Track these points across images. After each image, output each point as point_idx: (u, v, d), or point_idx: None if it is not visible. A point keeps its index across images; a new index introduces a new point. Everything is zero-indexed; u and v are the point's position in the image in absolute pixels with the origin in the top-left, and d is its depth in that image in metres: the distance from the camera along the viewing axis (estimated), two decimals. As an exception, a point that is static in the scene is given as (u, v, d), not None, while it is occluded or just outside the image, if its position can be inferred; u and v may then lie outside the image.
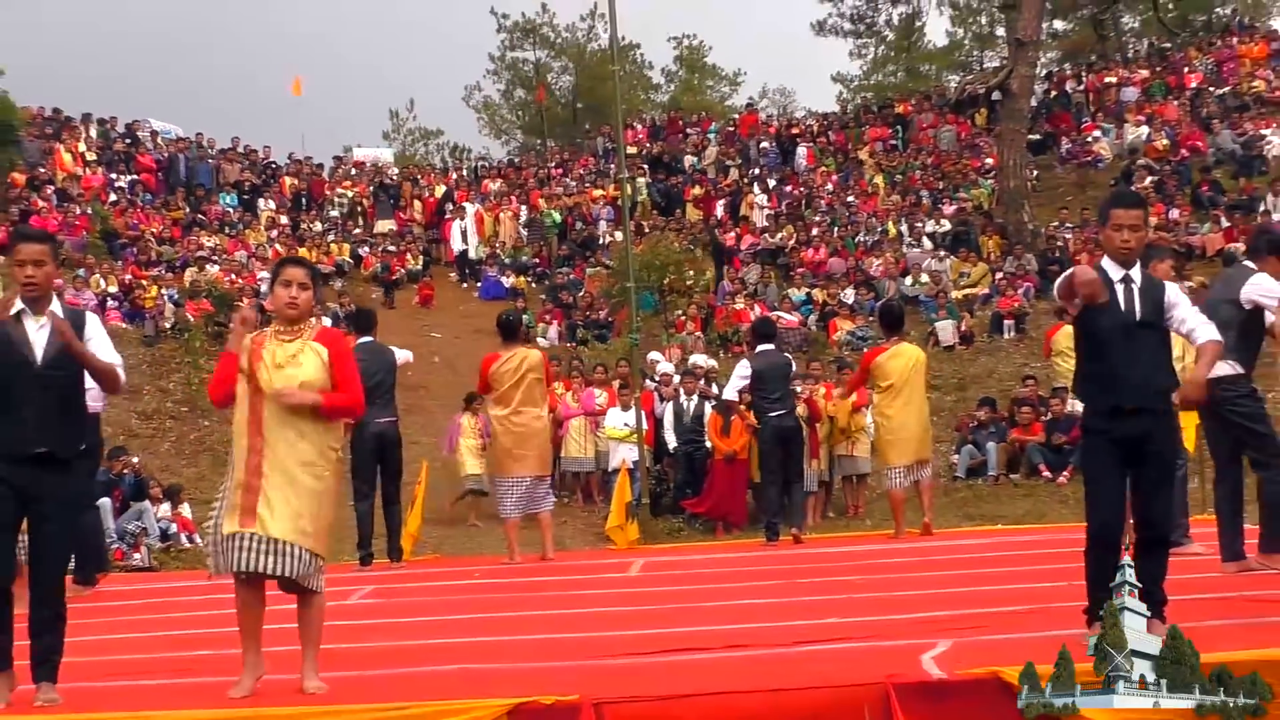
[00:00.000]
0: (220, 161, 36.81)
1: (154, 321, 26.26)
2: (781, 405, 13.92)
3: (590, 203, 35.98)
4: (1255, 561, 9.29)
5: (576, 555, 14.75)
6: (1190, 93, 36.38)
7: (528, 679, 6.68)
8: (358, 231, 35.39)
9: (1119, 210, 7.08)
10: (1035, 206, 30.23)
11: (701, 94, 60.48)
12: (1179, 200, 28.94)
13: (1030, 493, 18.28)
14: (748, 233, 33.17)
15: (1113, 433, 6.93)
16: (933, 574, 10.64)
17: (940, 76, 56.03)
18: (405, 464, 13.68)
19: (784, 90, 64.42)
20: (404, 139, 63.11)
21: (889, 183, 35.30)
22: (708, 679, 6.45)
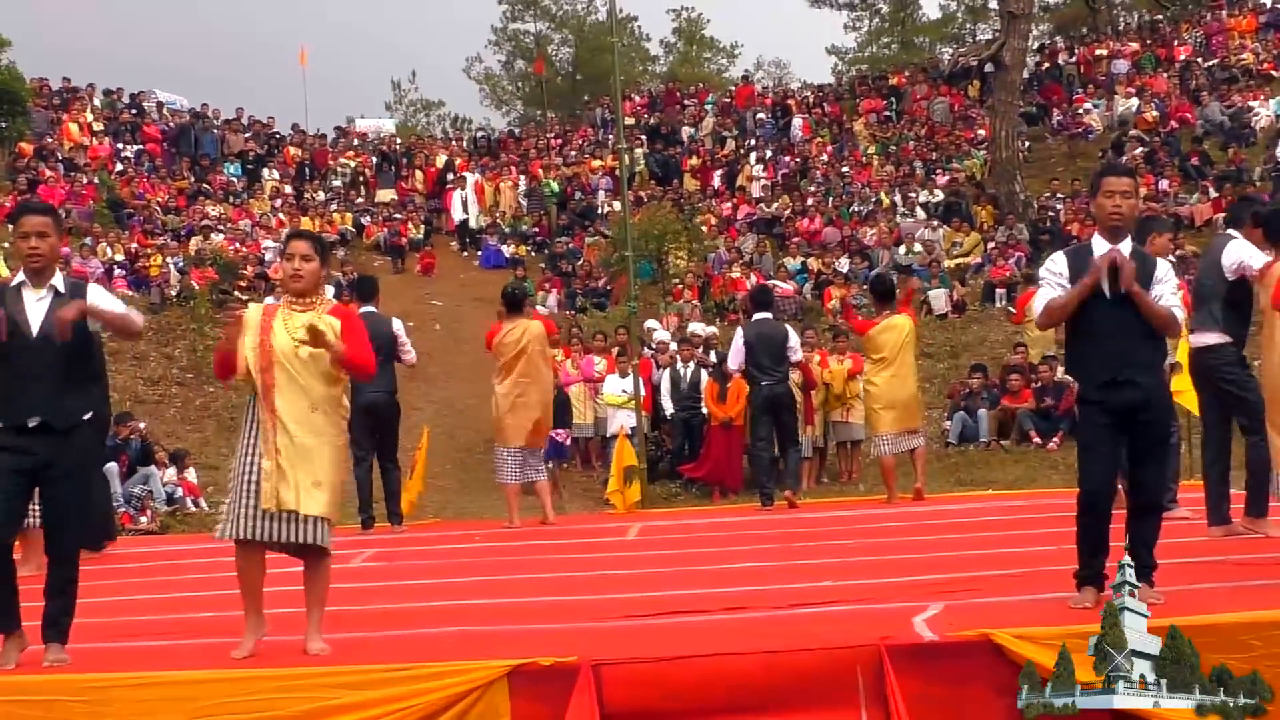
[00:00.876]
0: (225, 132, 36.70)
1: (159, 289, 26.24)
2: (774, 373, 13.90)
3: (589, 173, 35.90)
4: (1241, 526, 9.31)
5: (575, 520, 14.77)
6: (1180, 65, 36.28)
7: (527, 641, 6.69)
8: (360, 201, 35.31)
9: (1110, 178, 7.05)
10: (1027, 177, 30.15)
11: (699, 66, 60.39)
12: (1168, 171, 28.89)
13: (1021, 459, 18.29)
14: (744, 203, 33.12)
15: (1107, 403, 6.90)
16: (925, 538, 10.64)
17: (934, 49, 55.90)
18: (406, 430, 13.67)
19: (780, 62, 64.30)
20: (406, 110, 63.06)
21: (883, 153, 35.19)
22: (704, 641, 6.45)
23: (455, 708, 5.93)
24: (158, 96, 38.04)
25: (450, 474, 19.07)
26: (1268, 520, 9.12)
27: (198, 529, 15.95)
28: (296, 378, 6.73)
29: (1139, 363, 6.89)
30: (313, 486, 6.69)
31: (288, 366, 6.72)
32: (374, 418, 12.83)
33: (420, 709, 5.92)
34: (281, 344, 6.72)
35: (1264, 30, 36.91)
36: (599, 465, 18.87)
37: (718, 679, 6.00)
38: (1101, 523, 6.97)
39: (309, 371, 6.75)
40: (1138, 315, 6.91)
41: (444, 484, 18.17)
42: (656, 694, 5.97)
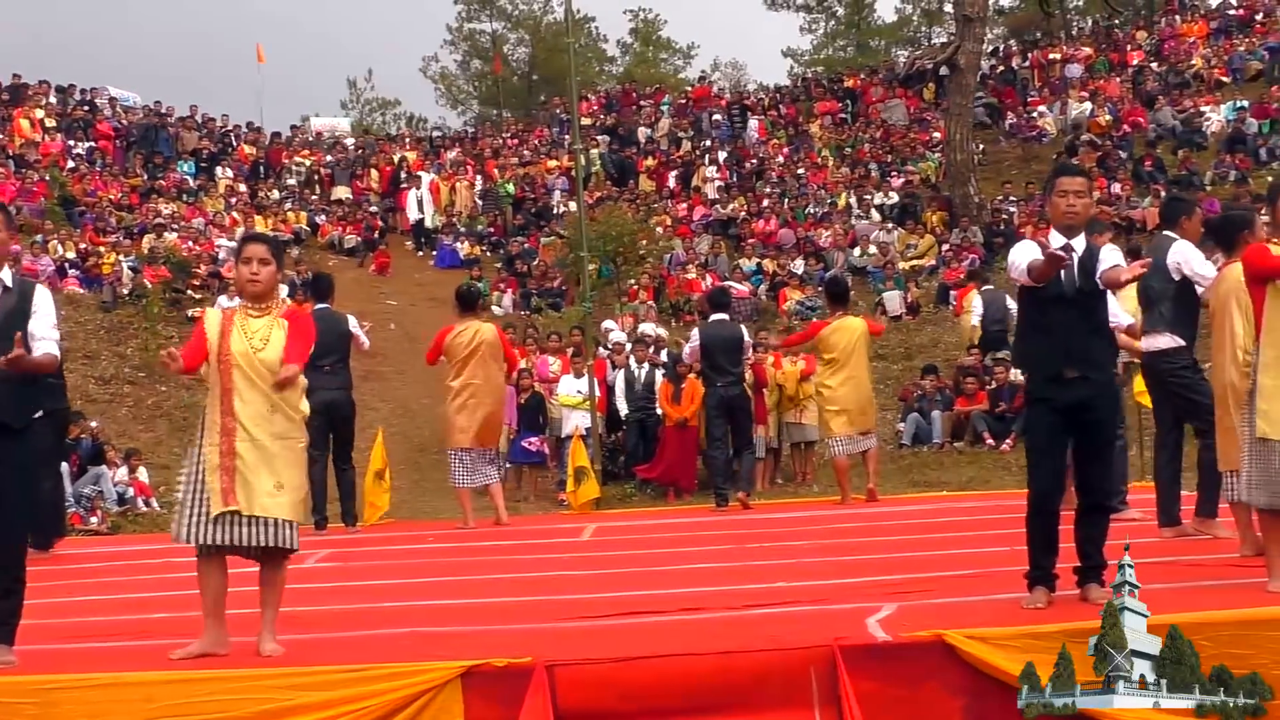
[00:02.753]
0: (179, 129, 36.45)
1: (112, 288, 26.00)
2: (728, 375, 13.91)
3: (545, 173, 35.84)
4: (1191, 527, 9.39)
5: (529, 520, 14.75)
6: (1132, 70, 36.56)
7: (481, 642, 6.68)
8: (315, 199, 35.15)
9: (1064, 178, 7.14)
10: (981, 180, 30.33)
11: (655, 67, 60.46)
12: (1121, 175, 29.10)
13: (974, 460, 18.38)
14: (699, 203, 33.17)
15: (1055, 400, 6.97)
16: (878, 539, 10.69)
17: (889, 51, 56.18)
18: (360, 431, 13.63)
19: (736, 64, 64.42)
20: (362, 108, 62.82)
21: (838, 155, 35.31)
22: (658, 642, 6.46)
23: (409, 709, 5.92)
24: (110, 93, 37.73)
25: (404, 474, 19.00)
26: (1217, 522, 9.19)
27: (149, 529, 15.84)
28: (256, 381, 6.70)
29: (1090, 359, 6.97)
30: (275, 489, 6.67)
31: (247, 370, 6.69)
32: (330, 417, 12.80)
33: (374, 710, 5.90)
34: (240, 349, 6.69)
35: (1214, 36, 37.26)
36: (554, 466, 18.84)
37: (672, 679, 6.01)
38: (1051, 523, 7.04)
39: (268, 375, 6.72)
40: (1090, 312, 7.01)
41: (399, 484, 18.06)
42: (611, 695, 5.97)
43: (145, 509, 17.48)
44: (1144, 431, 14.84)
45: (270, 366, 6.72)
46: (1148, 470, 12.94)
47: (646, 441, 18.51)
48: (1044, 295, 7.00)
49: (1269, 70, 33.77)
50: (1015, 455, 17.28)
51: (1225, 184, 27.22)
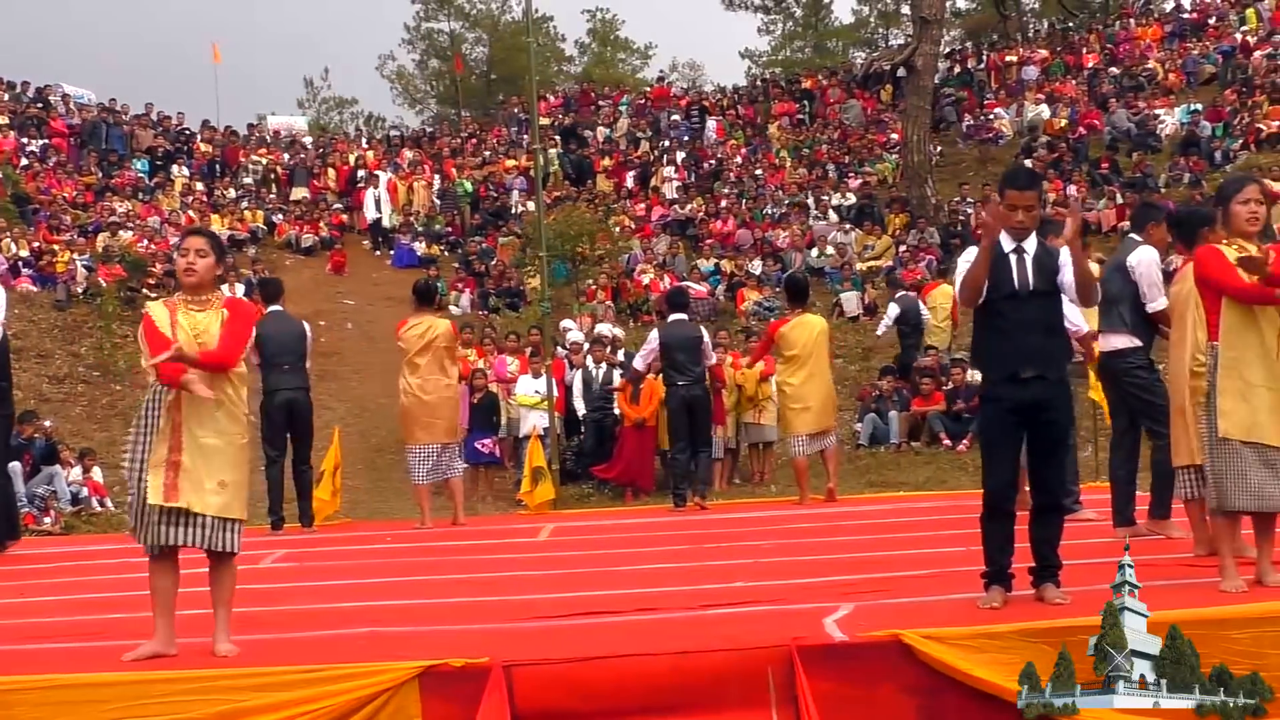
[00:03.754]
0: (134, 127, 36.21)
1: (66, 286, 25.81)
2: (688, 375, 13.92)
3: (503, 173, 35.81)
4: (1145, 527, 9.44)
5: (487, 520, 14.72)
6: (1088, 72, 36.79)
7: (438, 642, 6.66)
8: (272, 198, 34.98)
9: (1013, 192, 7.10)
10: (938, 181, 30.44)
11: (613, 67, 60.51)
12: (1076, 177, 29.26)
13: (931, 460, 18.45)
14: (658, 204, 33.21)
15: (1009, 400, 7.00)
16: (836, 539, 10.72)
17: (847, 53, 56.33)
18: (317, 430, 13.58)
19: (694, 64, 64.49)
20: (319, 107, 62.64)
21: (796, 156, 35.41)
22: (616, 642, 6.45)
23: (366, 709, 5.89)
24: (64, 90, 37.43)
25: (361, 474, 18.94)
26: (1170, 522, 9.26)
27: (104, 529, 15.74)
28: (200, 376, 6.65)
29: (1045, 359, 7.01)
30: (218, 487, 6.62)
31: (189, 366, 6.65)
32: (289, 416, 12.77)
33: (330, 711, 5.88)
34: (183, 341, 6.64)
35: (1169, 40, 37.52)
36: (512, 466, 18.81)
37: (629, 679, 6.01)
38: (1006, 522, 7.07)
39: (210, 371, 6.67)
40: (1045, 312, 7.05)
41: (355, 484, 18.04)
42: (568, 695, 5.97)
43: (99, 509, 17.36)
44: (1099, 432, 14.94)
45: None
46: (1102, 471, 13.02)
47: (604, 441, 18.51)
48: (999, 295, 7.03)
49: (1222, 74, 34.03)
50: (971, 456, 17.36)
51: (1180, 186, 27.40)
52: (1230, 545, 7.17)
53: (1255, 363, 7.02)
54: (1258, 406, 7.00)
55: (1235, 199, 7.26)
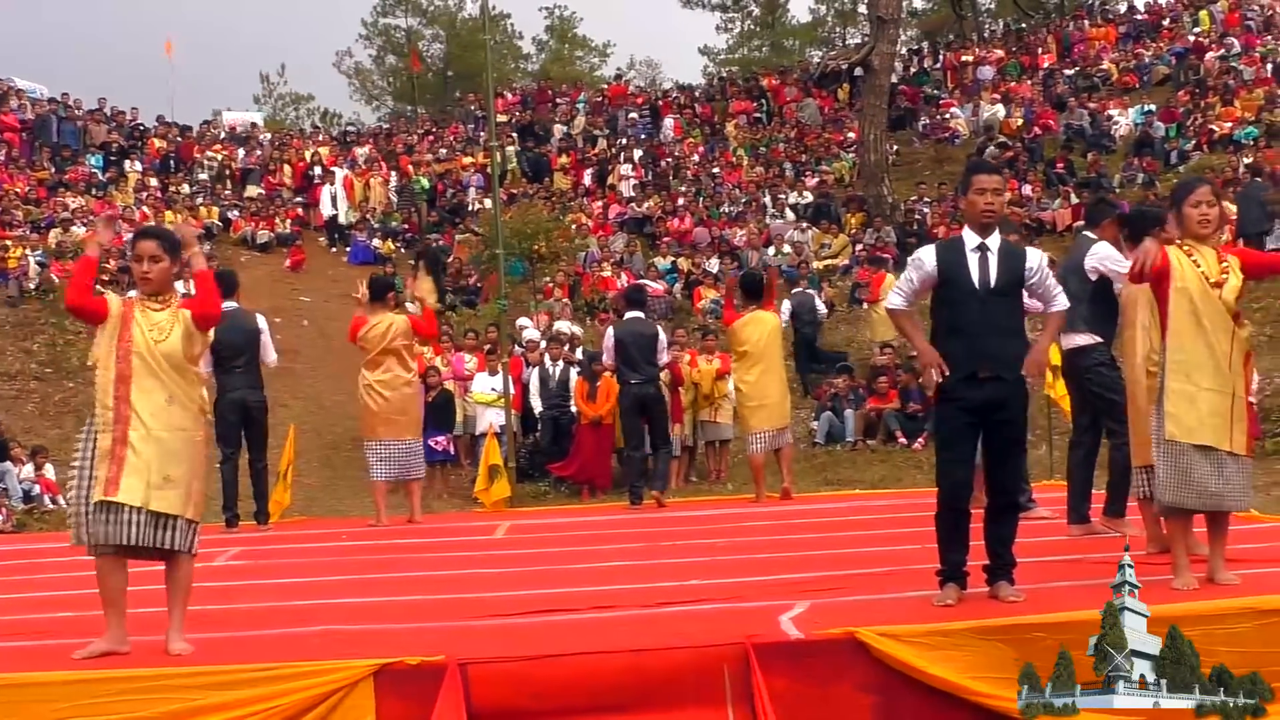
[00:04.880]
0: (87, 122, 35.93)
1: (18, 282, 25.59)
2: (642, 373, 13.90)
3: (460, 170, 35.73)
4: (1100, 525, 9.49)
5: (443, 518, 14.69)
6: (1043, 72, 36.98)
7: (393, 640, 6.64)
8: (227, 194, 34.78)
9: (980, 176, 7.17)
10: (894, 180, 30.56)
11: (571, 64, 60.50)
12: (1031, 177, 29.43)
13: (886, 459, 18.50)
14: (615, 201, 33.19)
15: (967, 399, 7.01)
16: (792, 537, 10.72)
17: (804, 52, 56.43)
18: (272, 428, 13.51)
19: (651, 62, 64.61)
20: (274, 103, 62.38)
21: (753, 155, 35.47)
22: (572, 640, 6.45)
23: (320, 707, 5.87)
24: (16, 84, 37.10)
25: (317, 472, 18.86)
26: (1126, 520, 9.29)
27: (56, 527, 15.60)
28: (154, 370, 6.63)
29: (1003, 359, 7.00)
30: (163, 482, 6.57)
31: (147, 359, 6.63)
32: (242, 415, 12.69)
33: (284, 709, 5.85)
34: (140, 340, 6.62)
35: (1123, 41, 37.74)
36: (468, 464, 18.77)
37: (585, 677, 6.00)
38: (961, 520, 7.10)
39: (167, 364, 6.66)
40: (1003, 311, 7.06)
41: (311, 482, 17.96)
42: (523, 693, 5.96)
43: (52, 506, 17.22)
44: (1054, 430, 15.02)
45: (171, 359, 6.65)
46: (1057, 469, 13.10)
47: (561, 439, 18.49)
48: (958, 294, 7.05)
49: (1175, 75, 34.26)
50: (927, 454, 17.40)
51: (1134, 187, 27.57)
52: (1183, 543, 7.21)
53: (1203, 366, 7.06)
54: (1204, 410, 7.03)
55: (1187, 201, 7.29)
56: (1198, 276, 7.10)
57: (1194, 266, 7.13)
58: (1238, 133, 29.07)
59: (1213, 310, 7.09)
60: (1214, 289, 7.10)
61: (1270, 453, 15.80)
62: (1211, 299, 7.09)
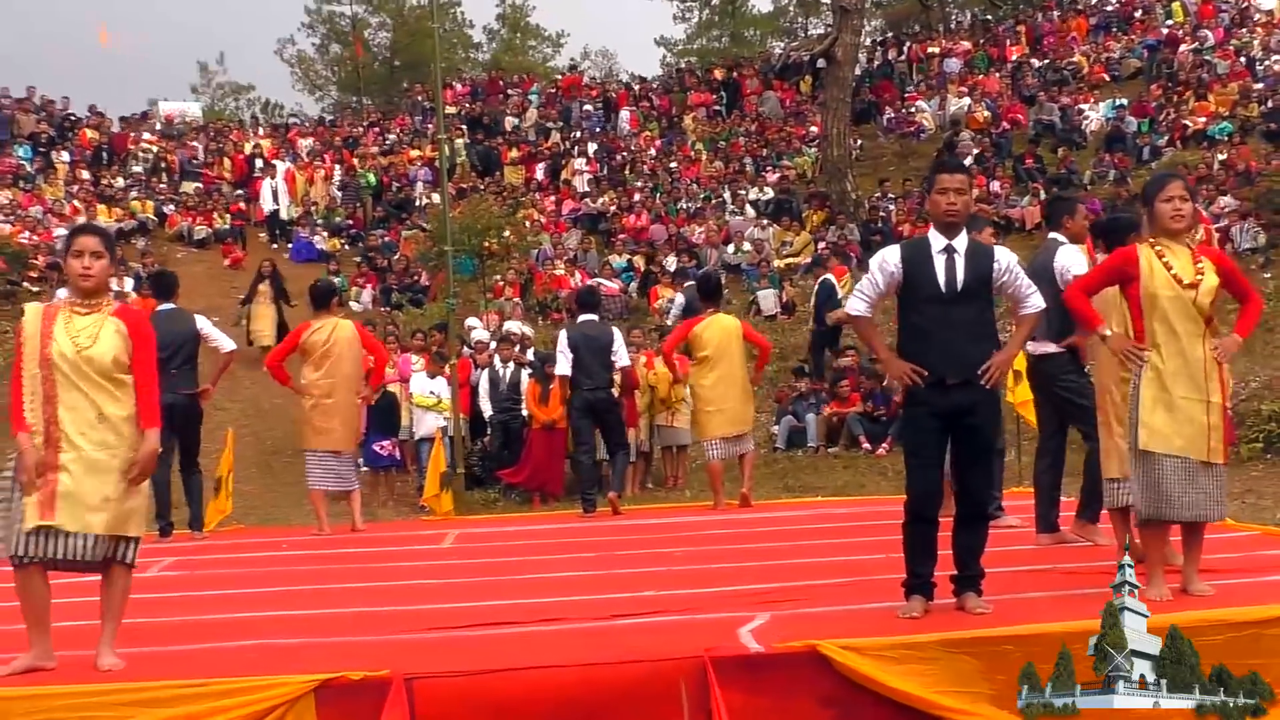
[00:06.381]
0: (15, 111, 35.64)
1: (-57, 279, 25.42)
2: (594, 378, 13.87)
3: (407, 163, 35.63)
4: (1070, 533, 9.53)
5: (388, 526, 14.64)
6: (1012, 65, 37.19)
7: (335, 654, 6.60)
8: (163, 188, 34.57)
9: (944, 175, 7.17)
10: (858, 176, 30.67)
11: (523, 54, 60.40)
12: (1000, 173, 29.58)
13: (850, 464, 18.54)
14: (568, 197, 33.18)
15: (935, 405, 7.01)
16: (751, 546, 10.73)
17: (765, 42, 56.61)
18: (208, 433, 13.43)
19: (607, 52, 64.68)
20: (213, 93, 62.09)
21: (712, 149, 35.53)
22: (521, 653, 6.43)
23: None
24: (-58, 73, 36.87)
25: (256, 478, 18.75)
26: (1096, 527, 9.34)
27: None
28: (80, 385, 6.51)
29: (970, 363, 6.99)
30: (103, 504, 6.50)
31: (69, 374, 6.50)
32: (175, 420, 12.57)
33: (221, 727, 5.81)
34: (63, 349, 6.49)
35: (1094, 33, 38.00)
36: (414, 469, 18.70)
37: (535, 692, 5.98)
38: (929, 530, 7.11)
39: (94, 379, 6.54)
40: (972, 314, 7.06)
41: (249, 489, 17.85)
42: (472, 708, 5.93)
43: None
44: (1022, 436, 15.08)
45: (100, 366, 6.53)
46: (1025, 475, 13.15)
47: (512, 444, 18.43)
48: (924, 297, 7.05)
49: (1148, 68, 34.53)
50: (892, 460, 17.46)
51: (1105, 183, 27.77)
52: (1159, 554, 7.25)
53: (1179, 374, 7.09)
54: (1180, 420, 7.07)
55: (1158, 197, 7.30)
56: (1169, 279, 7.11)
57: (1165, 269, 7.14)
58: (1212, 128, 29.37)
59: (1185, 314, 7.11)
60: (1187, 291, 7.11)
61: (1246, 459, 15.93)
62: (1184, 303, 7.11)
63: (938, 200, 7.12)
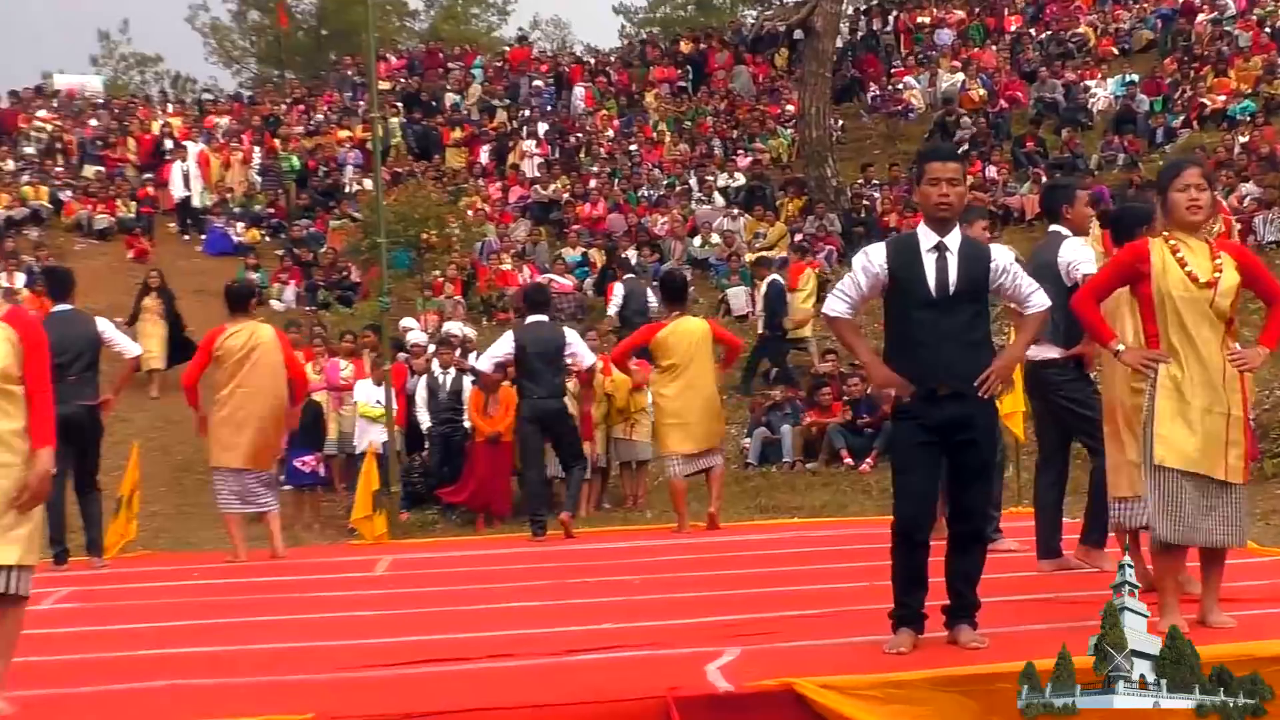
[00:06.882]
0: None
1: None
2: (544, 385, 13.85)
3: (335, 145, 35.58)
4: (1074, 559, 9.55)
5: (313, 551, 14.63)
6: (1010, 37, 37.29)
7: (254, 695, 6.60)
8: (59, 171, 34.39)
9: (935, 163, 7.12)
10: (839, 160, 30.68)
11: (465, 23, 60.36)
12: (997, 157, 29.60)
13: (830, 481, 18.53)
14: (516, 183, 33.16)
15: (925, 417, 7.00)
16: (720, 573, 10.73)
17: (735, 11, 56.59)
18: (111, 447, 13.36)
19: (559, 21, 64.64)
20: (116, 65, 61.84)
21: (676, 130, 35.57)
22: (464, 694, 6.43)
23: (166, 776, 5.81)
24: None
25: (164, 498, 18.68)
26: (1104, 553, 9.33)
27: None
28: None
29: (964, 373, 6.96)
30: None
31: None
32: (71, 433, 12.48)
33: (123, 778, 5.79)
34: None
35: (1101, 1, 38.09)
36: (343, 488, 18.63)
37: (479, 738, 5.97)
38: (919, 554, 7.09)
39: None
40: (967, 318, 7.03)
41: (157, 509, 17.78)
42: (407, 756, 5.93)
43: None
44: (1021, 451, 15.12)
45: None
46: (1025, 494, 13.19)
47: (452, 460, 18.38)
48: (914, 301, 7.04)
49: (1161, 41, 34.63)
50: (877, 476, 17.49)
51: (1113, 168, 27.87)
52: (1173, 581, 7.22)
53: (1195, 382, 7.07)
54: (1199, 433, 7.04)
55: (1172, 185, 7.26)
56: (1183, 278, 7.09)
57: (1179, 265, 7.12)
58: (1232, 107, 29.42)
59: (1202, 317, 7.10)
60: (1204, 290, 7.09)
61: (1270, 476, 15.96)
62: (1199, 304, 7.09)
63: (928, 192, 7.09)
